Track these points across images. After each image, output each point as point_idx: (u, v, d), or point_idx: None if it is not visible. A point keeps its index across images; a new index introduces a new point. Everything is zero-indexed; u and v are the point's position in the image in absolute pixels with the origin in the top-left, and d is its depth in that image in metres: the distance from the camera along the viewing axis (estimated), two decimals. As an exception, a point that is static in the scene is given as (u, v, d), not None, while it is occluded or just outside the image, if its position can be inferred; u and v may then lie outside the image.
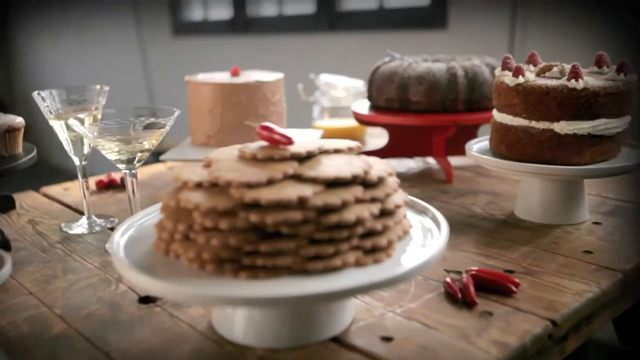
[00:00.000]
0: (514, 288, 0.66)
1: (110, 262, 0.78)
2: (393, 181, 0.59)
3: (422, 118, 1.03)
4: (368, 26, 2.86)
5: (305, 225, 0.52)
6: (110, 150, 0.76)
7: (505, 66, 0.86)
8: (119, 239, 0.61)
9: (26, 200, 1.06)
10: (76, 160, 0.88)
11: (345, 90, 1.32)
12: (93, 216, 0.91)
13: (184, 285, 0.51)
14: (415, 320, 0.61)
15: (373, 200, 0.55)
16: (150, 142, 0.77)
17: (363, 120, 1.11)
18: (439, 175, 1.12)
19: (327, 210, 0.52)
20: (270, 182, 0.53)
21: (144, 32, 3.77)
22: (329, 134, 1.21)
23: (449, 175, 1.05)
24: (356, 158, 0.59)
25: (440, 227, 0.60)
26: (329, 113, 1.33)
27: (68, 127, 0.83)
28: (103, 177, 1.11)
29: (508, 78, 0.82)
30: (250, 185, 0.53)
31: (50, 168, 4.03)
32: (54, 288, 0.72)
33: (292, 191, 0.52)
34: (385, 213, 0.56)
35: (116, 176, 1.12)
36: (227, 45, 3.37)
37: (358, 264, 0.53)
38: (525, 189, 0.87)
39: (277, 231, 0.52)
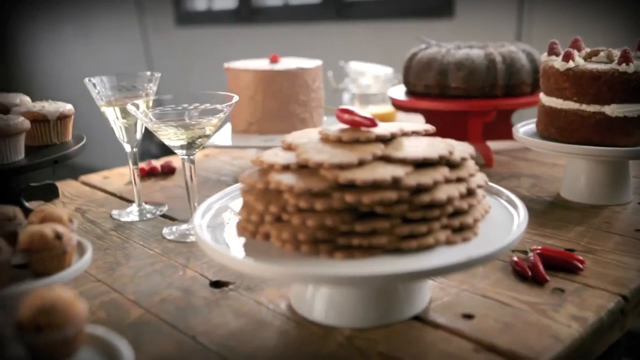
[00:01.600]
0: (580, 265, 0.67)
1: (172, 248, 0.79)
2: (472, 162, 0.60)
3: (463, 103, 1.04)
4: (375, 15, 2.86)
5: (398, 205, 0.53)
6: (171, 136, 0.77)
7: (552, 51, 0.87)
8: (201, 222, 0.61)
9: (67, 188, 1.06)
10: (127, 147, 0.88)
11: (374, 78, 1.33)
12: (143, 203, 0.92)
13: (287, 266, 0.52)
14: (489, 298, 0.63)
15: (459, 180, 0.57)
16: (210, 127, 0.78)
17: (401, 106, 1.12)
18: (477, 160, 1.13)
19: (419, 190, 0.53)
20: (361, 164, 0.54)
21: (147, 22, 3.75)
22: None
23: (488, 159, 1.07)
24: (437, 140, 0.60)
25: (516, 207, 0.62)
26: (359, 100, 1.34)
27: (123, 114, 0.84)
28: (144, 165, 1.11)
29: (558, 63, 0.83)
30: (342, 167, 0.54)
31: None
32: (120, 275, 0.72)
33: (385, 171, 0.53)
34: (469, 193, 0.57)
35: (156, 164, 1.12)
36: (232, 35, 3.36)
37: (448, 242, 0.55)
38: (572, 170, 0.88)
39: (371, 211, 0.53)
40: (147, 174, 1.10)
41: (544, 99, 0.87)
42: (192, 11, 3.61)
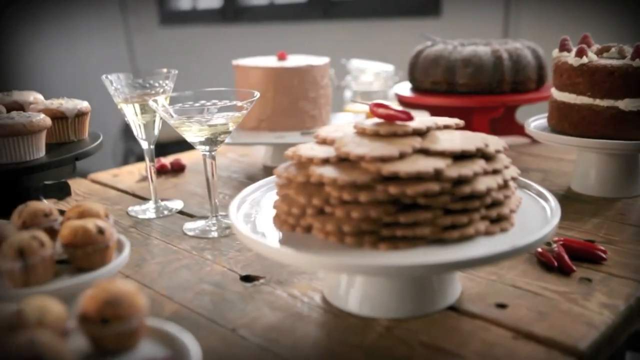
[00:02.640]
0: (603, 255, 0.69)
1: (195, 244, 0.79)
2: (504, 155, 0.62)
3: (471, 99, 1.06)
4: (362, 14, 2.87)
5: (440, 196, 0.54)
6: (195, 132, 0.77)
7: (563, 47, 0.89)
8: (236, 216, 0.62)
9: (77, 187, 1.05)
10: (144, 144, 0.88)
11: (375, 75, 1.34)
12: (159, 200, 0.92)
13: (338, 258, 0.52)
14: (519, 288, 0.64)
15: (494, 172, 0.58)
16: (232, 123, 0.78)
17: (408, 103, 1.13)
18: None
19: (460, 181, 0.55)
20: (401, 156, 0.55)
21: (130, 22, 3.72)
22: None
23: (496, 154, 1.08)
24: (470, 133, 0.62)
25: (546, 199, 0.63)
26: (361, 97, 1.35)
27: (142, 110, 0.84)
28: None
29: (571, 58, 0.85)
30: (383, 159, 0.55)
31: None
32: (148, 271, 0.72)
33: (426, 164, 0.54)
34: (504, 184, 0.59)
35: (166, 161, 1.12)
36: (217, 34, 3.35)
37: (487, 232, 0.56)
38: (583, 164, 0.90)
39: (413, 203, 0.54)
40: (157, 172, 1.09)
41: (556, 94, 0.89)
42: (176, 11, 3.59)
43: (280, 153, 1.10)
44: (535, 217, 0.61)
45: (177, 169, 1.11)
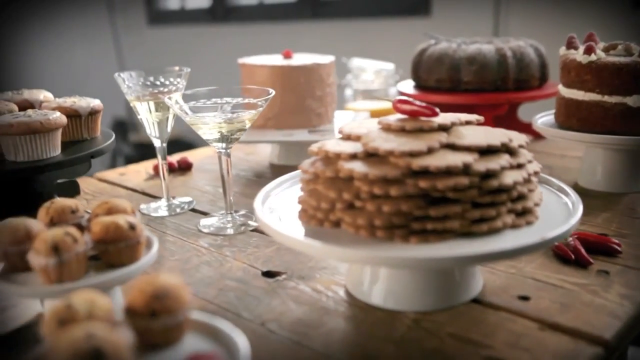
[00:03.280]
0: (618, 248, 0.70)
1: (212, 241, 0.79)
2: (526, 150, 0.63)
3: (476, 97, 1.07)
4: (352, 14, 2.89)
5: (469, 190, 0.55)
6: (212, 129, 0.77)
7: (570, 45, 0.91)
8: (262, 213, 0.62)
9: (85, 185, 1.05)
10: (157, 142, 0.88)
11: (375, 73, 1.35)
12: (171, 198, 0.92)
13: (374, 251, 0.53)
14: (539, 280, 0.65)
15: (519, 166, 0.59)
16: (249, 120, 0.78)
17: (413, 101, 1.14)
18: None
19: (487, 175, 0.56)
20: (430, 151, 0.56)
21: (118, 22, 3.70)
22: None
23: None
24: (491, 128, 0.63)
25: (567, 194, 0.64)
26: (362, 95, 1.36)
27: (157, 108, 0.84)
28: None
29: (580, 56, 0.86)
30: (412, 154, 0.55)
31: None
32: (169, 267, 0.73)
33: (455, 158, 0.55)
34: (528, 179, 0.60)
35: (172, 160, 1.12)
36: (207, 34, 3.34)
37: (514, 225, 0.57)
38: (590, 160, 0.92)
39: (442, 196, 0.55)
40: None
41: (563, 91, 0.91)
42: (164, 10, 3.58)
43: (287, 151, 1.11)
44: (556, 210, 0.62)
45: (185, 167, 1.11)
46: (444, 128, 0.60)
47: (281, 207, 0.65)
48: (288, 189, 0.71)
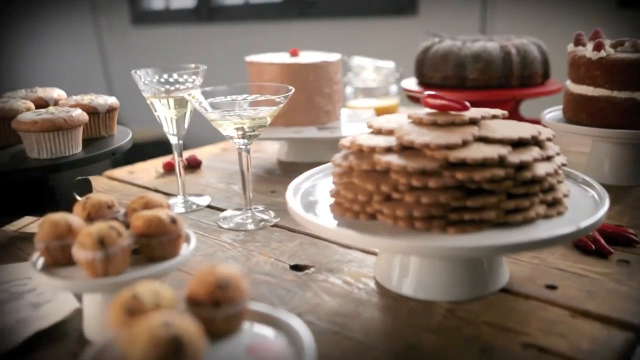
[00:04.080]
0: (636, 238, 0.72)
1: (234, 236, 0.80)
2: (553, 143, 0.64)
3: (482, 94, 1.09)
4: (339, 14, 2.90)
5: (504, 181, 0.56)
6: (234, 126, 0.78)
7: (578, 42, 0.93)
8: (296, 205, 0.63)
9: (96, 184, 1.04)
10: (173, 139, 0.88)
11: (376, 71, 1.36)
12: (187, 195, 0.92)
13: (418, 241, 0.54)
14: (564, 270, 0.67)
15: (548, 158, 0.60)
16: (269, 117, 0.79)
17: (418, 98, 1.15)
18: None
19: (520, 167, 0.57)
20: (464, 144, 0.57)
21: (101, 22, 3.67)
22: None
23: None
24: (516, 122, 0.64)
25: (593, 187, 0.66)
26: (363, 93, 1.37)
27: (176, 105, 0.84)
28: (170, 160, 1.11)
29: (589, 52, 0.88)
30: (448, 147, 0.57)
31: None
32: (197, 263, 0.73)
33: (490, 150, 0.56)
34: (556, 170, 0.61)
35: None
36: (191, 34, 3.33)
37: (546, 216, 0.59)
38: (597, 154, 0.94)
39: (478, 188, 0.56)
40: (172, 168, 1.10)
41: (572, 87, 0.93)
42: (148, 10, 3.56)
43: (295, 148, 1.12)
44: (582, 201, 0.64)
45: (194, 165, 1.11)
46: (474, 122, 0.62)
47: (313, 200, 0.66)
48: (317, 181, 0.72)
